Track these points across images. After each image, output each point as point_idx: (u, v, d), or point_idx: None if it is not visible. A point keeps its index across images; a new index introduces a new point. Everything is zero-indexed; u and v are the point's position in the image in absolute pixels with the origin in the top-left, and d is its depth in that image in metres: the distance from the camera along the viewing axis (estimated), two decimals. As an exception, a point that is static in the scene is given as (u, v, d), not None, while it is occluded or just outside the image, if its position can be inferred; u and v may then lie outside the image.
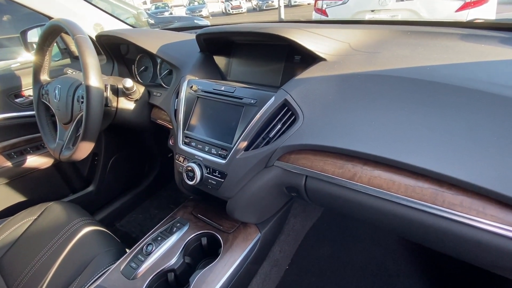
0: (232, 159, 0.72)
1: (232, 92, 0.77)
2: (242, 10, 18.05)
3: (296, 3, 17.22)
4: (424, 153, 0.52)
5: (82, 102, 0.87)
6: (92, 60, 0.77)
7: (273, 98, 0.69)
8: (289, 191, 0.78)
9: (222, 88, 0.79)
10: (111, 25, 1.39)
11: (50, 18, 1.20)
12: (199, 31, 0.88)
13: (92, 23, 1.30)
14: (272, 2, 17.54)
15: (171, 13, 16.34)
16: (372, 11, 3.12)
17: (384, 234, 1.29)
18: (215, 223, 0.91)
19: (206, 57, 0.97)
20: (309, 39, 0.72)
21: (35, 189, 1.33)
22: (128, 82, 0.92)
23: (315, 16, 3.70)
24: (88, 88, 0.76)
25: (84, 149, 0.85)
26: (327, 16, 3.46)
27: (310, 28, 0.77)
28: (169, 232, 0.88)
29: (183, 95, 0.87)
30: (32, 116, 1.25)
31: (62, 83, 0.96)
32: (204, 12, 17.36)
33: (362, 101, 0.63)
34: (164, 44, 1.01)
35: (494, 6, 2.92)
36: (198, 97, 0.84)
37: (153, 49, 0.98)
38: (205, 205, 1.00)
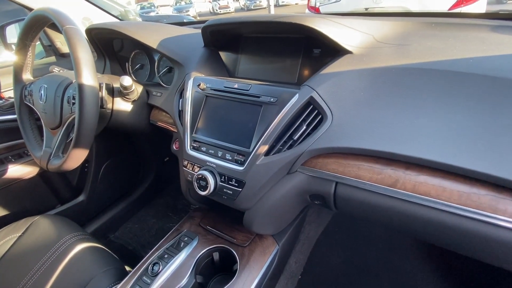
0: (251, 165, 0.64)
1: (247, 90, 0.69)
2: (229, 10, 17.92)
3: (284, 3, 17.27)
4: (480, 155, 0.46)
5: (73, 104, 0.77)
6: (85, 55, 0.66)
7: (296, 96, 0.61)
8: (312, 199, 0.71)
9: (236, 86, 0.71)
10: (101, 20, 1.27)
11: (32, 10, 1.07)
12: (205, 23, 0.79)
13: (80, 16, 1.18)
14: (260, 2, 17.51)
15: (157, 13, 16.01)
16: (366, 9, 3.10)
17: (398, 236, 1.24)
18: (227, 235, 0.82)
19: (211, 52, 0.88)
20: (335, 30, 0.65)
21: (19, 201, 1.20)
22: (126, 80, 0.82)
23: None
24: (81, 87, 0.66)
25: (77, 157, 0.75)
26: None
27: (331, 18, 0.69)
28: (176, 248, 0.78)
29: (189, 94, 0.78)
30: (13, 120, 1.12)
31: (49, 82, 0.84)
32: (191, 12, 17.07)
33: (400, 98, 0.56)
34: (165, 39, 0.91)
35: (484, 4, 2.97)
36: (206, 96, 0.75)
37: (153, 44, 0.88)
38: (213, 214, 0.91)
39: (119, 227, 1.52)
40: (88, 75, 0.66)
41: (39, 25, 0.80)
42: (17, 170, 1.14)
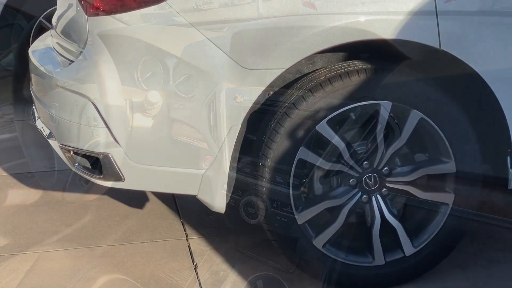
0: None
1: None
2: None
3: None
4: None
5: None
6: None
7: None
8: None
9: (280, 99, 0.64)
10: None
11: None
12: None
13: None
14: (244, -4, 17.26)
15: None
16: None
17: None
18: (269, 260, 0.75)
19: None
20: None
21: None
22: (153, 96, 0.72)
23: (303, 9, 3.58)
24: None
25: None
26: (316, 9, 3.36)
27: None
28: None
29: (222, 108, 0.70)
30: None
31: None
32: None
33: None
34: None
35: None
36: (244, 109, 0.67)
37: (175, 51, 0.79)
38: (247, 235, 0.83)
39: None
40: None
41: None
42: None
